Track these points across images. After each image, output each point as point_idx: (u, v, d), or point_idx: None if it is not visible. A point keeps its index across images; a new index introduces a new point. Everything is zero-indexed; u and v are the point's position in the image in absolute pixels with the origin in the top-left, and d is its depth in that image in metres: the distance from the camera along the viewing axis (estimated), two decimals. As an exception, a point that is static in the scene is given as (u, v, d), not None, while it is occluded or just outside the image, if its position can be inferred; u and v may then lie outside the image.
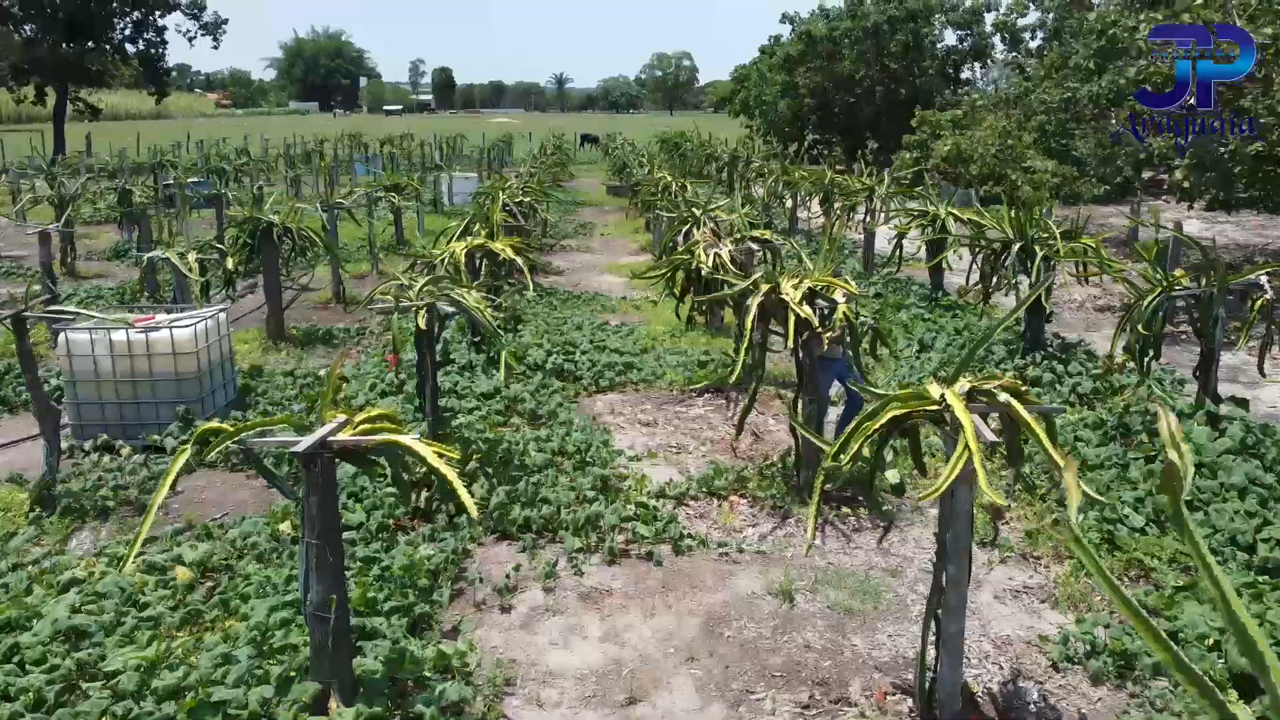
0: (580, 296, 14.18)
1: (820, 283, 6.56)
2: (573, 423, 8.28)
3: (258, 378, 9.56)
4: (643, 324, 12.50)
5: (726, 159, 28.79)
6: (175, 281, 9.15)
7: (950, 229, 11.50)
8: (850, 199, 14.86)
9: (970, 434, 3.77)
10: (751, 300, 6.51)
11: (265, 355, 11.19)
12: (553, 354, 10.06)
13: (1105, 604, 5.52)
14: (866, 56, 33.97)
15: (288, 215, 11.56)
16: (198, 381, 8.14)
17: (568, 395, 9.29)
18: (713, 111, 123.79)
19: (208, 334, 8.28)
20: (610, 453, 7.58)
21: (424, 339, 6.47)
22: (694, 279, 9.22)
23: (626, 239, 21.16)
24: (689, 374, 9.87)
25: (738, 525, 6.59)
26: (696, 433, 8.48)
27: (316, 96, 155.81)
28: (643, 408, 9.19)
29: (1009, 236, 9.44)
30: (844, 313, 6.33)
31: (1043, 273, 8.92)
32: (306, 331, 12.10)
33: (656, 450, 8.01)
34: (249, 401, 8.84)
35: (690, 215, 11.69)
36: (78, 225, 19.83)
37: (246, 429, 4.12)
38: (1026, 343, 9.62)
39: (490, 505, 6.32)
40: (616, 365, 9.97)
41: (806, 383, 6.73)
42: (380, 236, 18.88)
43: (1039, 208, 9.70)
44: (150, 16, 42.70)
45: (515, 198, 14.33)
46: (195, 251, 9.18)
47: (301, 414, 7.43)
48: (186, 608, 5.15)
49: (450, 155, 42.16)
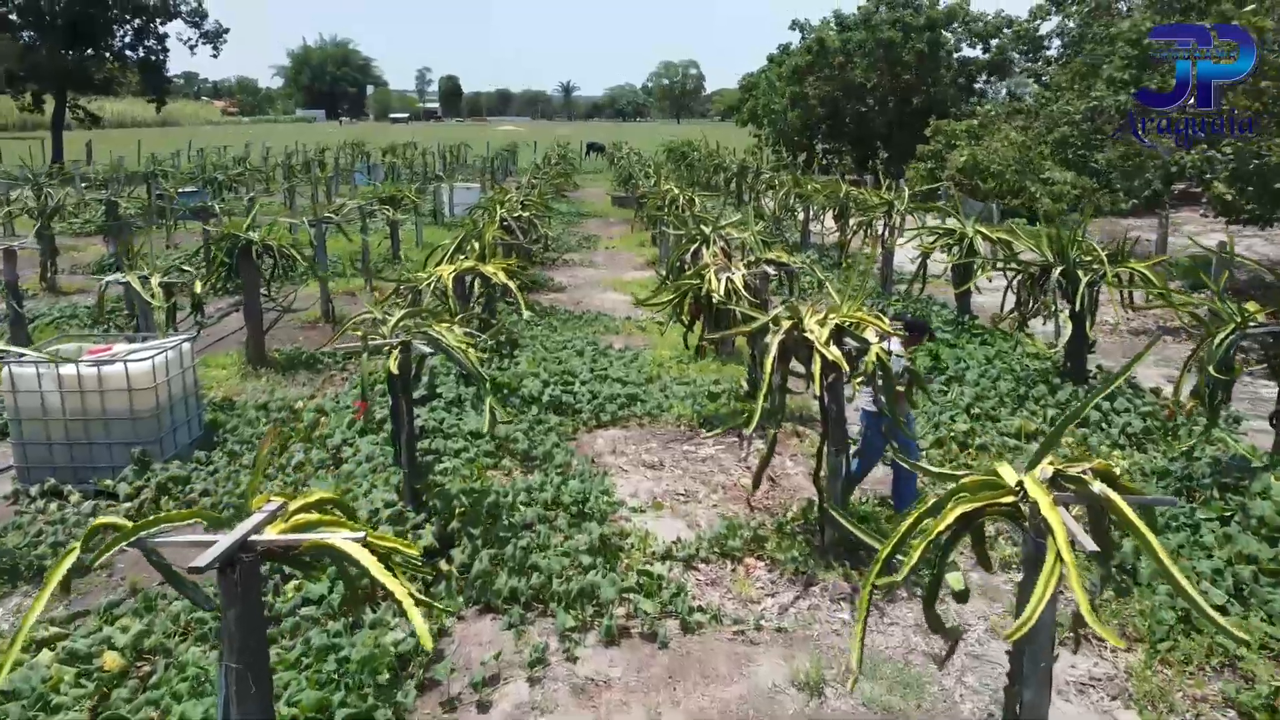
0: (582, 317, 13.40)
1: (849, 319, 5.77)
2: (570, 465, 7.49)
3: (229, 411, 8.78)
4: (647, 347, 11.72)
5: (735, 170, 28.03)
6: (139, 308, 8.39)
7: (979, 248, 10.68)
8: (868, 214, 14.06)
9: (1063, 540, 2.96)
10: (771, 338, 5.72)
11: (243, 382, 10.43)
12: (550, 385, 9.27)
13: (1190, 703, 4.70)
14: (879, 66, 33.19)
15: (269, 231, 10.82)
16: (155, 420, 7.37)
17: (565, 432, 8.50)
18: (719, 120, 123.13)
19: (168, 367, 7.51)
20: (610, 504, 6.79)
21: (398, 382, 5.68)
22: (704, 305, 8.42)
23: (631, 253, 20.39)
24: (698, 407, 9.08)
25: (755, 594, 5.79)
26: (707, 477, 7.68)
27: (323, 104, 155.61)
28: (648, 446, 8.39)
29: (1048, 259, 8.63)
30: (878, 355, 5.52)
31: (1087, 300, 8.11)
32: (289, 355, 11.34)
33: (663, 498, 7.21)
34: (217, 439, 8.07)
35: (699, 233, 10.90)
36: (65, 237, 19.23)
37: (145, 526, 3.32)
38: (1067, 376, 8.80)
39: (473, 572, 5.53)
40: (619, 397, 9.18)
41: (832, 431, 5.93)
42: (376, 250, 18.17)
43: (1081, 227, 8.85)
44: (151, 24, 42.19)
45: (514, 212, 13.55)
46: (160, 274, 8.40)
47: (233, 493, 6.61)
48: (107, 711, 4.36)
49: (453, 164, 41.51)
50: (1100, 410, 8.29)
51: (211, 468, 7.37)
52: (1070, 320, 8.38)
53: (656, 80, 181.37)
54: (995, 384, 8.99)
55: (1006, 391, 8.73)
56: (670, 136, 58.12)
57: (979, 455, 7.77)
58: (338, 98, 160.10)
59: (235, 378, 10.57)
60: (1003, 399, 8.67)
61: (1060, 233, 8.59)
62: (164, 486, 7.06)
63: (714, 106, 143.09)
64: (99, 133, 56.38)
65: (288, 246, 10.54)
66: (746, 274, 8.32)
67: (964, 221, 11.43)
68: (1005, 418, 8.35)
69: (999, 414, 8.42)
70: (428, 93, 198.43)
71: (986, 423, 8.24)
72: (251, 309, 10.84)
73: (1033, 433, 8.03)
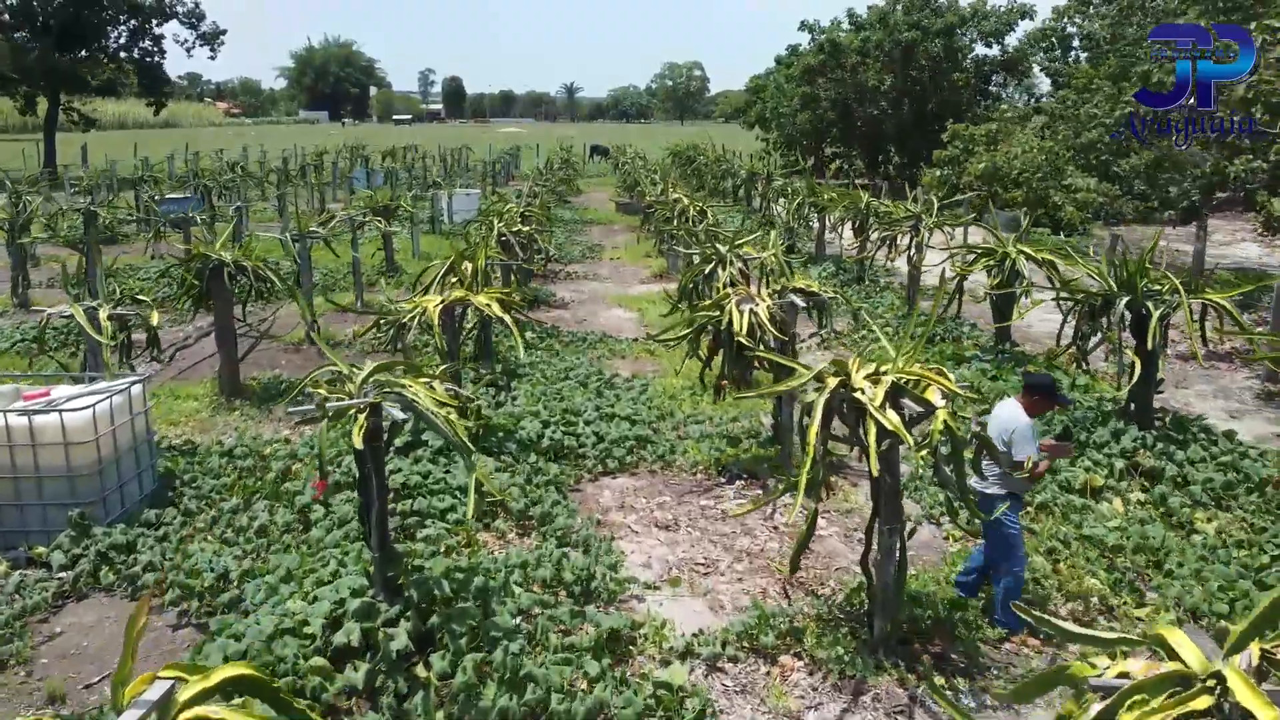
0: (586, 339, 12.43)
1: (908, 375, 4.80)
2: (572, 528, 6.53)
3: (189, 458, 7.82)
4: (656, 374, 10.76)
5: (744, 175, 27.04)
6: (86, 344, 7.45)
7: (1022, 269, 9.70)
8: (893, 228, 13.09)
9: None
10: (816, 399, 4.76)
11: (214, 416, 9.50)
12: (551, 425, 8.31)
13: None
14: (893, 67, 32.19)
15: (244, 250, 9.89)
16: (97, 477, 6.42)
17: (567, 481, 7.55)
18: (723, 122, 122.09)
19: (113, 415, 6.56)
20: (619, 582, 5.82)
21: (367, 450, 4.73)
22: (724, 340, 7.46)
23: (637, 265, 19.41)
24: (716, 451, 8.11)
25: (793, 705, 4.82)
26: (729, 541, 6.71)
27: (326, 106, 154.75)
28: (660, 500, 7.43)
29: (1110, 288, 7.65)
30: (945, 421, 4.56)
31: (1158, 336, 7.13)
32: (267, 384, 10.40)
33: (679, 569, 6.25)
34: (173, 493, 7.11)
35: (714, 252, 9.94)
36: (50, 247, 18.30)
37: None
38: (1130, 417, 7.83)
39: (455, 684, 4.57)
40: (627, 439, 8.21)
41: (886, 507, 4.96)
42: (370, 262, 17.22)
43: (1149, 251, 7.87)
44: (146, 25, 41.21)
45: (513, 226, 12.59)
46: (110, 304, 7.46)
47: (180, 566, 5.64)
48: None
49: (455, 167, 40.58)
50: (1173, 459, 7.31)
51: (161, 532, 6.42)
52: (1137, 357, 7.41)
53: (660, 81, 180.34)
54: (1049, 424, 8.00)
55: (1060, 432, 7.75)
56: (674, 138, 57.13)
57: (1039, 516, 6.80)
58: (341, 99, 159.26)
59: (206, 410, 9.64)
60: (1060, 444, 7.68)
61: (1127, 259, 7.61)
62: (105, 556, 6.13)
63: (718, 108, 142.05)
64: (98, 135, 55.52)
65: (263, 267, 9.59)
66: (771, 304, 7.35)
67: (1003, 238, 10.45)
68: (1065, 468, 7.37)
69: (1057, 463, 7.44)
70: (431, 94, 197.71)
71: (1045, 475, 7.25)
72: (224, 335, 9.91)
73: (1099, 488, 7.06)
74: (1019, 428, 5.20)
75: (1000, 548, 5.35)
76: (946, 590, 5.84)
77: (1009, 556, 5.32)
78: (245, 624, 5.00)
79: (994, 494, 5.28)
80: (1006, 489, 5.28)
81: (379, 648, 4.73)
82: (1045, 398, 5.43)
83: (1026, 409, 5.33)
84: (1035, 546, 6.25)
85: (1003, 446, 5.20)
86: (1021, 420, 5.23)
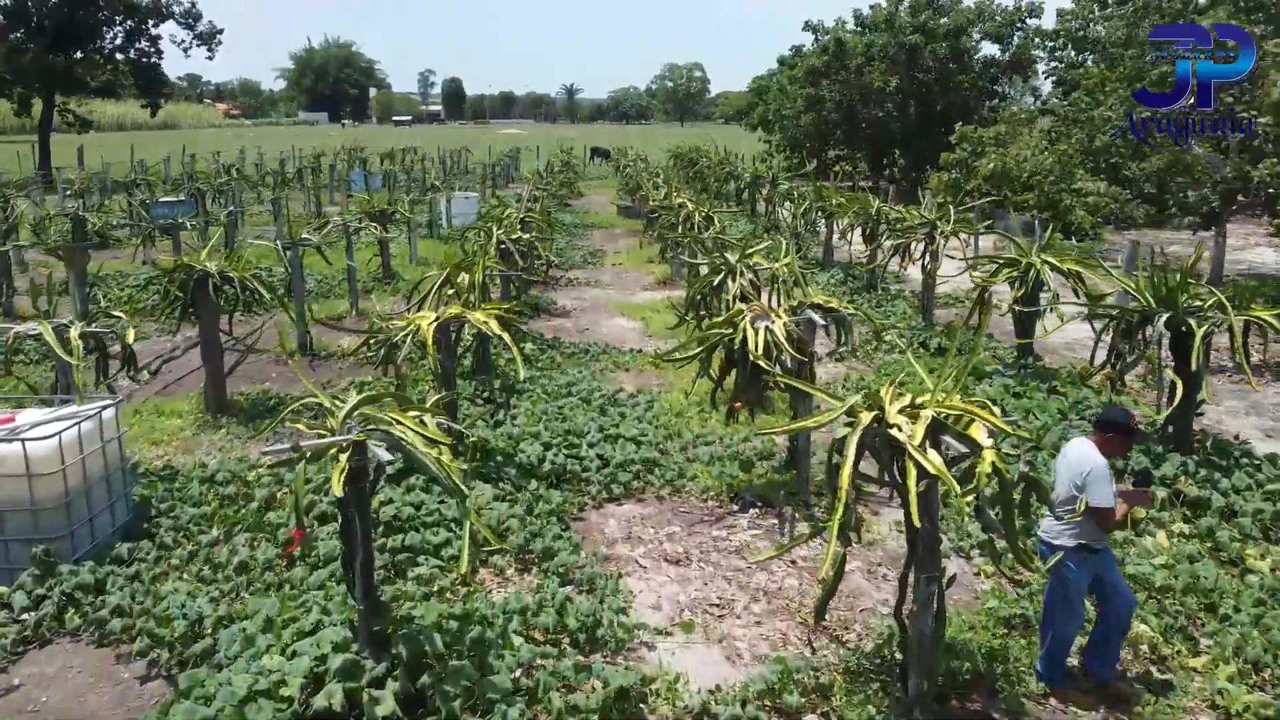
0: (588, 351, 11.96)
1: (949, 410, 4.33)
2: (575, 566, 6.06)
3: (168, 484, 7.35)
4: (662, 388, 10.29)
5: (749, 179, 26.56)
6: (57, 365, 6.98)
7: (1047, 280, 9.23)
8: (907, 235, 12.61)
9: None
10: (849, 436, 4.29)
11: (199, 434, 9.04)
12: (552, 448, 7.84)
13: None
14: (899, 69, 31.73)
15: (230, 260, 9.43)
16: (64, 510, 5.96)
17: (570, 510, 7.08)
18: (724, 123, 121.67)
19: (82, 442, 6.10)
20: (628, 629, 5.35)
21: (350, 495, 4.26)
22: (737, 359, 6.99)
23: (640, 271, 18.95)
24: (728, 476, 7.65)
25: (823, 775, 4.36)
26: (743, 576, 6.25)
27: (326, 107, 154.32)
28: (669, 530, 6.96)
29: (1148, 304, 7.18)
30: (994, 462, 4.09)
31: (1201, 356, 6.67)
32: (255, 400, 9.95)
33: (692, 612, 5.78)
34: (149, 524, 6.63)
35: (724, 262, 9.48)
36: (36, 253, 17.86)
37: None
38: (1170, 444, 7.35)
39: (447, 754, 4.11)
40: (634, 463, 7.75)
41: (924, 555, 4.50)
42: (365, 268, 16.76)
43: (1191, 262, 7.41)
44: (142, 26, 40.80)
45: (513, 233, 12.12)
46: (81, 322, 6.98)
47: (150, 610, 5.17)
48: None
49: (454, 169, 40.12)
50: (1217, 488, 6.84)
51: (133, 569, 5.95)
52: (1178, 378, 6.95)
53: (660, 82, 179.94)
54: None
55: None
56: (674, 139, 56.67)
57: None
58: (340, 100, 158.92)
59: (190, 429, 9.18)
60: (1095, 471, 7.21)
61: (1166, 275, 7.15)
62: (71, 597, 5.67)
63: (718, 109, 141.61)
64: (96, 136, 55.05)
65: (249, 279, 9.13)
66: (788, 322, 6.88)
67: (1024, 246, 9.98)
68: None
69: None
70: (431, 95, 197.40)
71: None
72: (210, 349, 9.44)
73: (1140, 520, 6.58)
74: (1094, 469, 4.62)
75: (1057, 599, 4.85)
76: (983, 636, 5.38)
77: (1064, 611, 4.83)
78: (218, 681, 4.53)
79: (1062, 544, 4.74)
80: (1076, 539, 4.72)
81: (364, 712, 4.26)
82: (1122, 436, 4.82)
83: (1101, 448, 4.75)
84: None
85: (1074, 491, 4.66)
86: (1096, 461, 4.66)
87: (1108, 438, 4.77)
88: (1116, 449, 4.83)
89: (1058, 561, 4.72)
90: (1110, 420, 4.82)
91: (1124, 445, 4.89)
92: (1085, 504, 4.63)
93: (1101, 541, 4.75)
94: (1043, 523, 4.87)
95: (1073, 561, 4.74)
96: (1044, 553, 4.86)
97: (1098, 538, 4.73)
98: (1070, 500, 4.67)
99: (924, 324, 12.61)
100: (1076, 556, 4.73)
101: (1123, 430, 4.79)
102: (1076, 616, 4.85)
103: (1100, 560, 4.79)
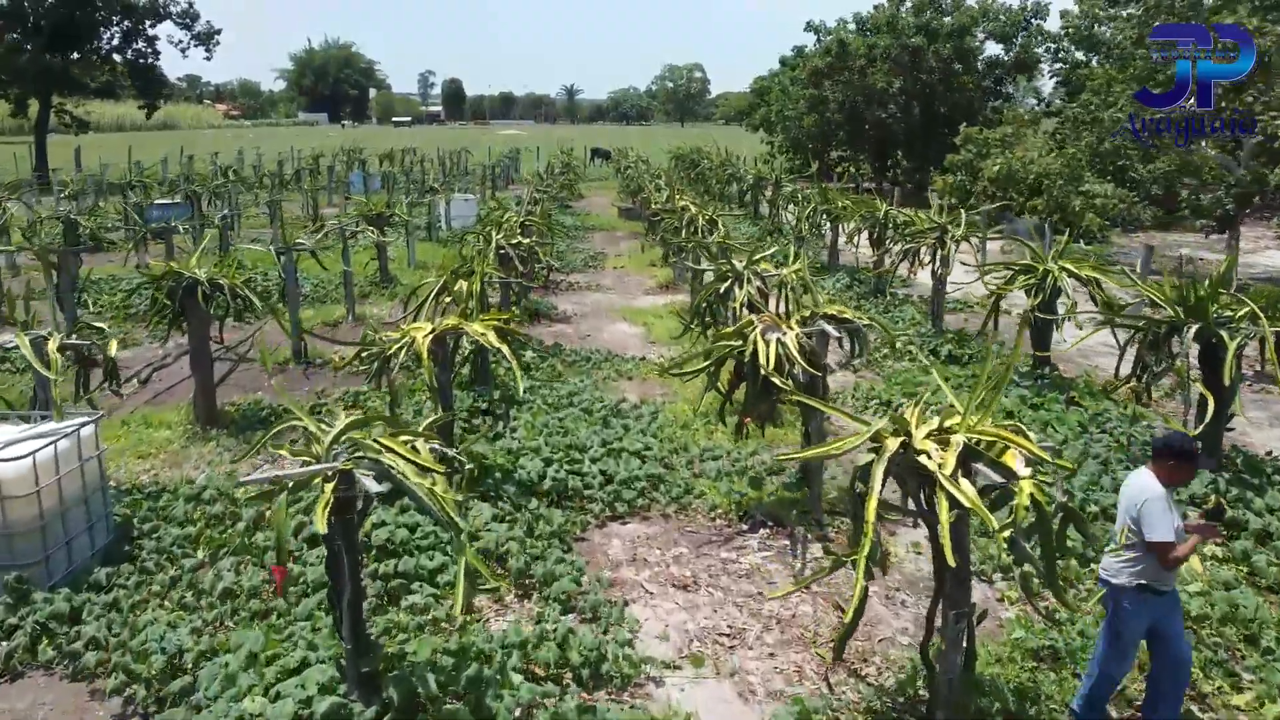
0: (590, 359, 11.65)
1: (982, 436, 4.03)
2: (577, 594, 5.75)
3: (152, 501, 7.03)
4: (666, 398, 9.98)
5: (751, 180, 26.23)
6: (35, 379, 6.66)
7: (1065, 288, 8.91)
8: (916, 240, 12.29)
9: None
10: (875, 465, 3.98)
11: (188, 447, 8.73)
12: (553, 463, 7.53)
13: None
14: (902, 70, 31.42)
15: (220, 266, 9.13)
16: (38, 534, 5.65)
17: (572, 531, 6.77)
18: (724, 123, 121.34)
19: (58, 462, 5.79)
20: (633, 662, 5.04)
21: (337, 528, 3.95)
22: (747, 373, 6.68)
23: (642, 274, 18.64)
24: (737, 494, 7.33)
25: (846, 829, 4.05)
26: (754, 604, 5.93)
27: (326, 107, 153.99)
28: (676, 552, 6.65)
29: (1176, 315, 6.87)
30: (1032, 493, 3.78)
31: (1234, 370, 6.36)
32: (247, 410, 9.64)
33: (701, 642, 5.47)
34: (130, 550, 6.31)
35: (730, 269, 9.17)
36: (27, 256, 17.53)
37: None
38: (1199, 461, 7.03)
39: (440, 809, 3.80)
40: (638, 479, 7.44)
41: (953, 591, 4.19)
42: (362, 272, 16.46)
43: (1222, 270, 7.10)
44: (139, 26, 40.49)
45: (513, 238, 11.81)
46: (60, 334, 6.66)
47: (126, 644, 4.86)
48: None
49: (453, 170, 39.82)
50: (1251, 509, 6.53)
51: (112, 597, 5.64)
52: (1208, 392, 6.64)
53: (660, 83, 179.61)
54: (1105, 467, 7.23)
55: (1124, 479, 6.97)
56: (675, 140, 56.34)
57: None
58: (340, 101, 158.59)
59: (179, 440, 8.88)
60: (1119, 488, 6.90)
61: (1195, 284, 6.84)
62: (45, 627, 5.35)
63: (718, 110, 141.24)
64: (95, 137, 54.73)
65: (240, 286, 8.83)
66: (800, 334, 6.57)
67: (1040, 252, 9.67)
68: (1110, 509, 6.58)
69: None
70: (431, 96, 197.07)
71: (1108, 525, 6.47)
72: (199, 359, 9.14)
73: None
74: (1149, 499, 4.23)
75: (1108, 640, 4.47)
76: (1011, 671, 5.07)
77: (1113, 655, 4.46)
78: (196, 724, 4.23)
79: (1121, 583, 4.35)
80: (1137, 578, 4.31)
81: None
82: (1185, 464, 4.37)
83: (1162, 478, 4.33)
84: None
85: (1131, 524, 4.30)
86: (1154, 491, 4.26)
87: (1169, 466, 4.34)
88: (1179, 477, 4.42)
89: (1114, 600, 4.37)
90: (1173, 447, 4.35)
91: (1187, 474, 4.47)
92: (1130, 537, 4.30)
93: (1166, 583, 4.35)
94: (1103, 559, 4.50)
95: (1130, 602, 4.35)
96: (1108, 593, 4.48)
97: (1161, 578, 4.31)
98: (1126, 537, 4.33)
99: (933, 330, 12.30)
100: (1135, 597, 4.34)
101: (1187, 458, 4.36)
102: (1125, 662, 4.50)
103: (1163, 605, 4.38)
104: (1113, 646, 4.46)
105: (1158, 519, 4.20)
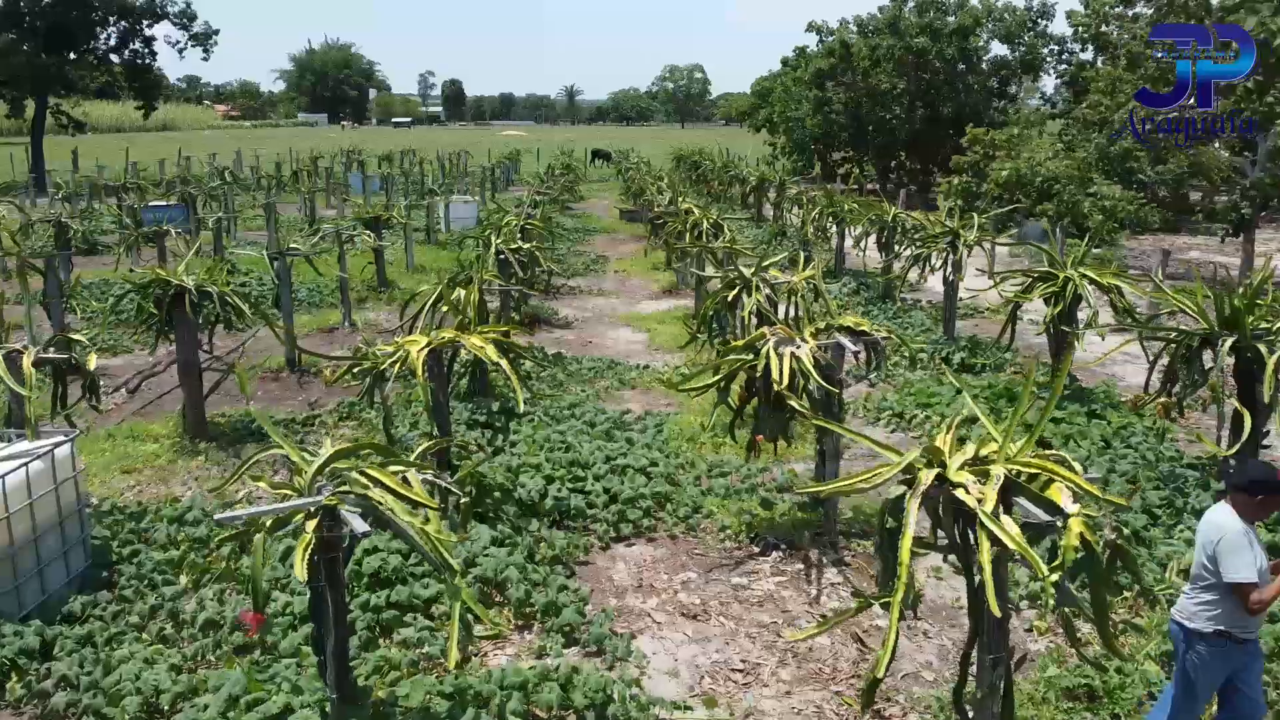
0: (592, 368, 11.32)
1: (1022, 468, 3.70)
2: (581, 620, 5.43)
3: (136, 521, 6.70)
4: (671, 409, 9.65)
5: (754, 182, 25.91)
6: (9, 396, 6.33)
7: (1086, 296, 8.58)
8: (927, 245, 11.96)
9: None
10: (909, 501, 3.65)
11: (175, 460, 8.42)
12: (555, 481, 7.20)
13: None
14: (906, 72, 31.11)
15: (209, 273, 8.81)
16: (8, 563, 5.31)
17: (575, 555, 6.44)
18: (724, 125, 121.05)
19: (30, 485, 5.46)
20: (641, 705, 4.70)
21: (321, 568, 3.62)
22: (759, 388, 6.35)
23: (644, 278, 18.31)
24: (746, 514, 7.00)
25: None
26: (769, 635, 5.60)
27: (326, 108, 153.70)
28: (684, 577, 6.32)
29: (1210, 327, 6.54)
30: (1081, 532, 3.45)
31: (1274, 385, 6.03)
32: (237, 423, 9.31)
33: (714, 679, 5.14)
34: (108, 576, 5.98)
35: (739, 276, 8.84)
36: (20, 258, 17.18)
37: None
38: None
39: None
40: (643, 497, 7.10)
41: (991, 632, 3.86)
42: (361, 276, 16.13)
43: (1264, 279, 6.78)
44: (137, 26, 40.10)
45: (512, 243, 11.48)
46: (36, 348, 6.33)
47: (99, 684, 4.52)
48: None
49: (453, 172, 39.49)
50: (1289, 532, 6.20)
51: (86, 630, 5.29)
52: (1244, 408, 6.32)
53: (661, 84, 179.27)
54: (1134, 485, 6.90)
55: (1156, 501, 6.65)
56: (676, 141, 56.03)
57: (1141, 608, 5.68)
58: (340, 102, 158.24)
59: (166, 454, 8.56)
60: (1150, 511, 6.58)
61: (1231, 293, 6.52)
62: (13, 663, 5.01)
63: (719, 111, 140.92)
64: (93, 138, 54.50)
65: (229, 293, 8.50)
66: (815, 347, 6.24)
67: (1060, 258, 9.34)
68: (1161, 540, 6.26)
69: (1151, 535, 6.33)
70: (431, 97, 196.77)
71: (1139, 549, 6.14)
72: (188, 370, 8.81)
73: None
74: (1226, 536, 3.83)
75: (1178, 688, 4.11)
76: (1048, 713, 4.73)
77: (1182, 705, 4.08)
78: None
79: (1197, 628, 3.97)
80: (1214, 623, 3.93)
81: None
82: (1275, 496, 3.92)
83: (1245, 513, 3.91)
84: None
85: (1206, 564, 3.93)
86: (1232, 528, 3.85)
87: (1257, 500, 3.90)
88: (1267, 511, 4.01)
89: (1186, 644, 4.01)
90: (1259, 481, 3.92)
91: (1276, 505, 4.03)
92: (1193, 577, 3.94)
93: (1249, 631, 3.95)
94: (1179, 601, 4.15)
95: (1205, 649, 3.96)
96: (1175, 635, 4.12)
97: (1242, 625, 3.90)
98: (1202, 578, 3.97)
99: (945, 337, 11.97)
100: (1211, 644, 3.96)
101: (1276, 491, 3.91)
102: (1194, 714, 4.14)
103: (1242, 655, 3.99)
104: (1183, 698, 4.08)
105: (1235, 557, 3.80)
